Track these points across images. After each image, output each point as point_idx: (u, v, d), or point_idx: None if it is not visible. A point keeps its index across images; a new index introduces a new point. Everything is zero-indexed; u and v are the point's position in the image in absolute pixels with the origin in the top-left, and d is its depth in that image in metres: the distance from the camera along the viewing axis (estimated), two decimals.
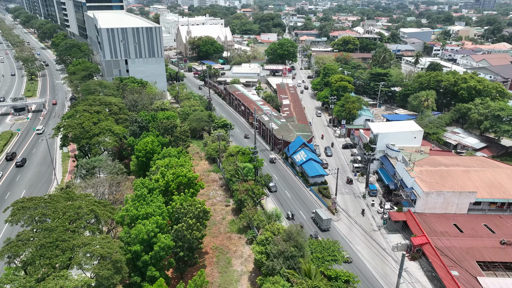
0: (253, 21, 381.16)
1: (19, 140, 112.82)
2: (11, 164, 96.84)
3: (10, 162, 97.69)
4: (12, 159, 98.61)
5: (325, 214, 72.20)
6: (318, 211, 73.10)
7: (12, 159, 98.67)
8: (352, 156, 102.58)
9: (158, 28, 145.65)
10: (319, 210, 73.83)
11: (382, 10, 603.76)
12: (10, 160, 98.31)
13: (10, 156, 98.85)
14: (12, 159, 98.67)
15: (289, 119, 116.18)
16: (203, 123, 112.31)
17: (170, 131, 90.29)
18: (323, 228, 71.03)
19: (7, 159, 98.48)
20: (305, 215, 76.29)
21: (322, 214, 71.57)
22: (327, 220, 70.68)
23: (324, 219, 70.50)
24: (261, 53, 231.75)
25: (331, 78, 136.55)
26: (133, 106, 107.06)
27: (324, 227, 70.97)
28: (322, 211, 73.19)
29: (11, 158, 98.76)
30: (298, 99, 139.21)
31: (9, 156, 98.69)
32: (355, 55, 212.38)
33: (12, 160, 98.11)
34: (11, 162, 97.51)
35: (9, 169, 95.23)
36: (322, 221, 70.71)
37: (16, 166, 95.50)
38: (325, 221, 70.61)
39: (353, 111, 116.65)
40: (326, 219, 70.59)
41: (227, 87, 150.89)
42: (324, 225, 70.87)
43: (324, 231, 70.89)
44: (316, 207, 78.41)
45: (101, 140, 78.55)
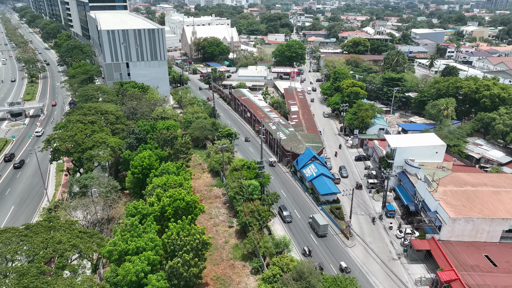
0: (260, 20, 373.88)
1: (18, 142, 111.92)
2: (9, 166, 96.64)
3: (8, 163, 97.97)
4: (10, 160, 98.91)
5: (322, 219, 70.71)
6: (315, 216, 71.51)
7: (11, 160, 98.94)
8: (366, 170, 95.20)
9: (161, 30, 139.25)
10: (316, 215, 72.24)
11: (392, 10, 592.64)
12: (9, 161, 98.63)
13: (8, 157, 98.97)
14: (11, 160, 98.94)
15: (298, 128, 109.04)
16: (206, 132, 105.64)
17: (170, 142, 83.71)
18: (320, 234, 69.55)
19: (5, 160, 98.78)
20: (316, 239, 69.24)
21: (319, 220, 70.00)
22: (324, 226, 69.34)
23: (321, 225, 69.05)
24: (268, 55, 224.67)
25: (342, 83, 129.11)
26: (132, 114, 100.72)
27: (321, 232, 69.54)
28: (319, 217, 71.61)
29: (9, 159, 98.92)
30: (307, 105, 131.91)
31: (7, 157, 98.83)
32: (366, 57, 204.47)
33: (10, 161, 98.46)
34: (10, 163, 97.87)
35: (6, 171, 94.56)
36: (319, 226, 69.22)
37: (14, 167, 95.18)
38: (322, 226, 69.19)
39: (367, 119, 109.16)
40: (323, 224, 69.21)
41: (233, 92, 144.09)
42: (321, 230, 69.45)
43: (321, 237, 69.32)
44: (329, 229, 72.18)
45: (94, 154, 72.19)
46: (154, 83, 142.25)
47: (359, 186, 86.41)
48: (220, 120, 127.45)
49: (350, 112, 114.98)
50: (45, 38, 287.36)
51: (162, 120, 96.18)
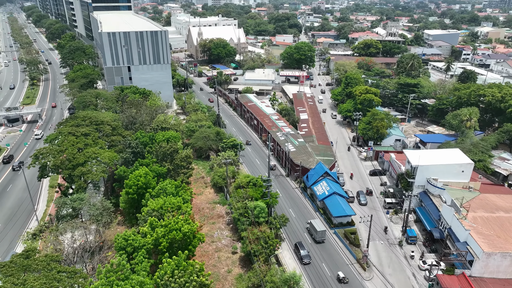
0: (267, 20, 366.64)
1: (17, 144, 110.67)
2: (7, 168, 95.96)
3: (7, 165, 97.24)
4: (9, 162, 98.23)
5: (320, 225, 69.71)
6: (313, 221, 70.60)
7: (9, 162, 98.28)
8: (382, 186, 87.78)
9: (164, 32, 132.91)
10: (314, 221, 71.16)
11: (402, 10, 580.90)
12: (7, 163, 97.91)
13: (7, 159, 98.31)
14: (9, 162, 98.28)
15: (307, 139, 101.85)
16: (210, 142, 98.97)
17: (169, 157, 77.14)
18: (318, 240, 68.66)
19: (3, 162, 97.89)
20: (329, 270, 62.16)
21: (316, 226, 69.05)
22: (321, 232, 68.42)
23: (318, 231, 68.11)
24: (276, 57, 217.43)
25: (355, 90, 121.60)
26: (131, 123, 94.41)
27: (318, 238, 68.66)
28: (317, 222, 70.54)
29: (8, 161, 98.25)
30: (317, 113, 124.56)
31: (5, 159, 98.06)
32: (378, 60, 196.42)
33: (9, 163, 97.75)
34: (8, 165, 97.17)
35: (5, 173, 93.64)
36: (317, 232, 68.24)
37: (13, 169, 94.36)
38: (319, 232, 68.28)
39: (382, 130, 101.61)
40: (320, 230, 68.24)
41: (239, 97, 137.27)
42: (319, 236, 68.56)
43: (318, 243, 68.45)
44: (341, 256, 65.39)
45: (85, 171, 65.88)
46: (157, 87, 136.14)
47: (369, 192, 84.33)
48: (225, 127, 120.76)
49: (363, 121, 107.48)
50: (49, 38, 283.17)
51: (162, 131, 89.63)
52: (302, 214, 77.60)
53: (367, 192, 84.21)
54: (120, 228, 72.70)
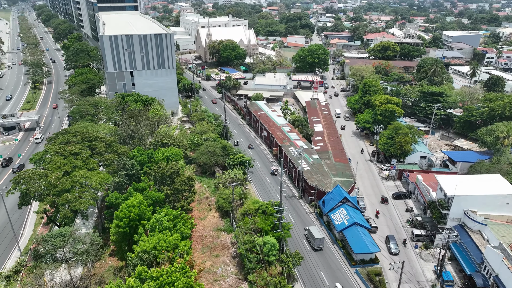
0: (279, 20, 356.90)
1: (17, 147, 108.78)
2: (7, 170, 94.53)
3: (6, 168, 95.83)
4: (8, 165, 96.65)
5: (318, 232, 67.66)
6: (311, 228, 68.84)
7: (8, 165, 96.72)
8: (407, 212, 77.99)
9: (169, 35, 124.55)
10: (312, 227, 69.34)
11: (417, 9, 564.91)
12: (6, 166, 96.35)
13: (6, 162, 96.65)
14: (8, 165, 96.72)
15: (323, 155, 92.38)
16: (215, 158, 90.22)
17: (169, 179, 68.58)
18: (316, 247, 66.58)
19: (2, 165, 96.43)
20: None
21: (314, 233, 67.11)
22: (320, 239, 66.54)
23: (316, 238, 66.26)
24: (288, 60, 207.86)
25: (374, 99, 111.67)
26: (129, 137, 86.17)
27: (316, 246, 66.66)
28: (315, 229, 68.71)
29: (7, 164, 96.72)
30: (333, 123, 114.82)
31: (4, 163, 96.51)
32: (395, 63, 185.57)
33: (8, 166, 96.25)
34: (7, 168, 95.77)
35: (5, 175, 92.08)
36: (315, 240, 66.41)
37: (13, 172, 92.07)
38: (317, 240, 66.43)
39: (406, 146, 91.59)
40: (319, 238, 66.34)
41: (248, 105, 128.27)
42: (317, 244, 66.56)
43: (316, 251, 66.50)
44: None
45: (72, 198, 57.73)
46: (161, 93, 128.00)
47: (384, 200, 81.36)
48: (232, 139, 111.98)
49: (384, 135, 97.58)
50: (56, 38, 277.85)
51: (162, 147, 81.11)
52: None
53: (382, 201, 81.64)
54: (112, 260, 64.52)
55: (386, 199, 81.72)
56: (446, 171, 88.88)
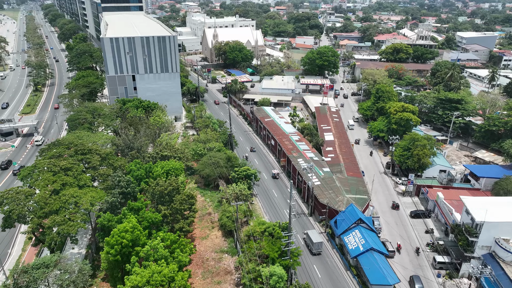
0: (287, 20, 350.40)
1: (13, 153, 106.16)
2: (7, 173, 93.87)
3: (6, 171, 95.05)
4: (7, 168, 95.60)
5: (316, 236, 66.69)
6: (309, 232, 67.90)
7: (7, 168, 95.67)
8: (427, 234, 71.54)
9: (173, 38, 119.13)
10: (311, 231, 68.28)
11: (428, 9, 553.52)
12: (5, 169, 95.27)
13: (5, 165, 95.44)
14: (7, 168, 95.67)
15: (334, 168, 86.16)
16: (219, 169, 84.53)
17: (167, 197, 62.99)
18: (314, 252, 65.62)
19: (1, 168, 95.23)
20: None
21: (313, 237, 66.13)
22: (318, 243, 65.62)
23: (315, 243, 65.40)
24: (296, 62, 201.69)
25: (389, 107, 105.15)
26: (127, 148, 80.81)
27: (315, 250, 65.68)
28: (314, 233, 67.65)
29: (6, 167, 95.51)
30: (344, 132, 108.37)
31: (3, 165, 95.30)
32: (408, 66, 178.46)
33: (7, 169, 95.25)
34: (7, 171, 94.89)
35: (4, 178, 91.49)
36: (313, 244, 65.49)
37: (13, 174, 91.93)
38: (316, 244, 65.52)
39: (424, 159, 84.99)
40: (317, 242, 65.53)
41: (254, 111, 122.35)
42: (315, 248, 65.67)
43: (314, 255, 65.48)
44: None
45: (59, 221, 52.46)
46: (164, 98, 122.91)
47: (395, 206, 78.97)
48: (238, 148, 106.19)
49: (400, 146, 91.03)
50: (61, 38, 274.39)
51: (162, 160, 75.57)
52: (329, 274, 62.17)
53: (393, 207, 79.04)
54: (105, 286, 59.20)
55: (397, 205, 79.51)
56: (468, 187, 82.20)
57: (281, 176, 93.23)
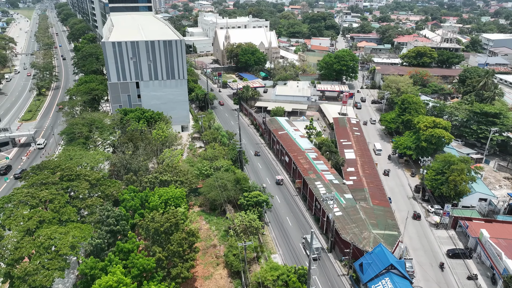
0: (301, 20, 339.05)
1: (18, 153, 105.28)
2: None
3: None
4: (6, 173, 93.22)
5: (315, 241, 62.88)
6: (308, 237, 65.35)
7: (6, 173, 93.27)
8: (469, 280, 60.64)
9: (180, 42, 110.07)
10: (309, 236, 62.72)
11: (448, 8, 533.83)
12: (4, 174, 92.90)
13: (4, 170, 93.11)
14: (6, 173, 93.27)
15: (357, 194, 75.70)
16: (226, 193, 75.06)
17: (164, 235, 53.65)
18: (313, 256, 61.14)
19: (0, 173, 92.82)
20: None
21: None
22: (317, 248, 63.90)
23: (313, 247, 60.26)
24: (312, 65, 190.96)
25: (417, 121, 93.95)
26: (124, 168, 71.95)
27: (313, 256, 60.81)
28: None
29: (5, 172, 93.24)
30: (367, 148, 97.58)
31: (2, 171, 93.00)
32: (432, 71, 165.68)
33: (6, 175, 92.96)
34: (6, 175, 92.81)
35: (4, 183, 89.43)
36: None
37: (15, 178, 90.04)
38: (314, 249, 62.19)
39: (462, 187, 73.88)
40: (315, 247, 63.54)
41: (267, 122, 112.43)
42: (314, 253, 62.40)
43: (313, 260, 62.15)
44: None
45: (31, 270, 43.75)
46: (170, 106, 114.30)
47: (417, 217, 75.16)
48: (248, 165, 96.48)
49: (433, 168, 79.96)
50: (70, 38, 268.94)
51: (161, 186, 66.33)
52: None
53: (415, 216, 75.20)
54: None
55: (418, 215, 75.50)
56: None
57: (293, 193, 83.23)
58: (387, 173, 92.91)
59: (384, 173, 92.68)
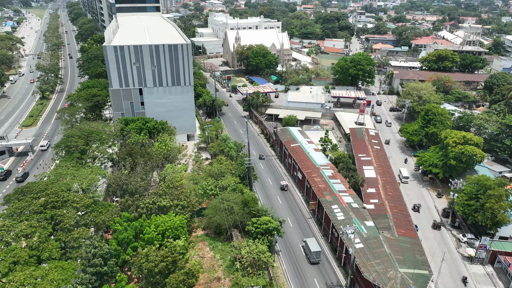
0: (314, 20, 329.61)
1: (15, 162, 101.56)
2: (6, 184, 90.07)
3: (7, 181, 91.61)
4: (5, 179, 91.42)
5: (315, 245, 64.18)
6: (308, 241, 65.66)
7: (6, 179, 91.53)
8: None
9: (186, 46, 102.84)
10: (309, 239, 66.09)
11: (465, 8, 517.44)
12: (3, 180, 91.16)
13: (3, 176, 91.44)
14: (6, 179, 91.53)
15: (380, 221, 67.36)
16: (232, 217, 67.51)
17: (159, 277, 46.27)
18: (312, 261, 63.04)
19: (17, 180, 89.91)
20: None
21: (311, 245, 63.66)
22: (316, 252, 62.98)
23: (313, 251, 62.70)
24: (325, 69, 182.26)
25: (445, 136, 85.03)
26: (120, 188, 64.92)
27: (313, 259, 63.07)
28: (312, 241, 65.31)
29: (4, 178, 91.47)
30: (388, 164, 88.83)
31: (1, 176, 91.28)
32: (454, 76, 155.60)
33: (5, 180, 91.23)
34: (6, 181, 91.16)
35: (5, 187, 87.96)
36: (311, 253, 62.65)
37: (16, 181, 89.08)
38: (313, 253, 62.78)
39: (501, 216, 65.00)
40: (315, 251, 62.92)
41: (279, 133, 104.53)
42: (313, 257, 62.97)
43: (313, 264, 62.68)
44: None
45: None
46: (175, 115, 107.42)
47: (437, 226, 72.44)
48: (258, 182, 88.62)
49: (465, 192, 71.13)
50: (78, 38, 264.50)
51: (158, 212, 59.02)
52: None
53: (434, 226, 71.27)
54: None
55: (439, 224, 72.57)
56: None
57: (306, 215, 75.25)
58: (418, 209, 78.65)
59: (414, 208, 78.83)
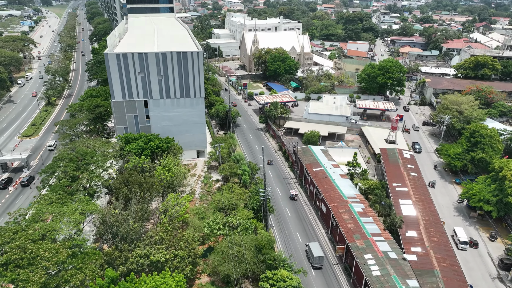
0: (335, 20, 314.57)
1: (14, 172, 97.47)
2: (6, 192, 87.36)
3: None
4: (6, 187, 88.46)
5: (317, 250, 62.64)
6: (310, 245, 64.04)
7: (6, 187, 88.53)
8: None
9: (197, 54, 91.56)
10: (312, 244, 64.37)
11: (495, 8, 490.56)
12: (4, 188, 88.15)
13: (3, 184, 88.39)
14: (6, 187, 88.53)
15: (425, 278, 54.27)
16: (243, 266, 55.81)
17: None
18: (315, 266, 61.70)
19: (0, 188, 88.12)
20: None
21: (314, 250, 62.45)
22: (319, 257, 61.57)
23: (315, 256, 61.45)
24: (349, 74, 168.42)
25: (500, 166, 70.96)
26: (109, 231, 54.09)
27: (315, 264, 61.74)
28: (315, 246, 63.73)
29: (5, 186, 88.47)
30: (429, 198, 74.98)
31: (1, 185, 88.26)
32: (494, 86, 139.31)
33: (6, 189, 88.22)
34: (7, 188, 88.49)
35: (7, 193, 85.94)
36: (313, 258, 61.46)
37: (21, 186, 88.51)
38: (316, 258, 61.49)
39: None
40: (317, 256, 61.54)
41: (299, 153, 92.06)
42: (316, 262, 61.69)
43: (316, 269, 61.28)
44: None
45: None
46: (184, 129, 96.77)
47: (474, 244, 66.36)
48: (274, 215, 76.19)
49: None
50: (92, 39, 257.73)
51: (151, 270, 47.68)
52: None
53: None
54: None
55: (476, 242, 66.23)
56: None
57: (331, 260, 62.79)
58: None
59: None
